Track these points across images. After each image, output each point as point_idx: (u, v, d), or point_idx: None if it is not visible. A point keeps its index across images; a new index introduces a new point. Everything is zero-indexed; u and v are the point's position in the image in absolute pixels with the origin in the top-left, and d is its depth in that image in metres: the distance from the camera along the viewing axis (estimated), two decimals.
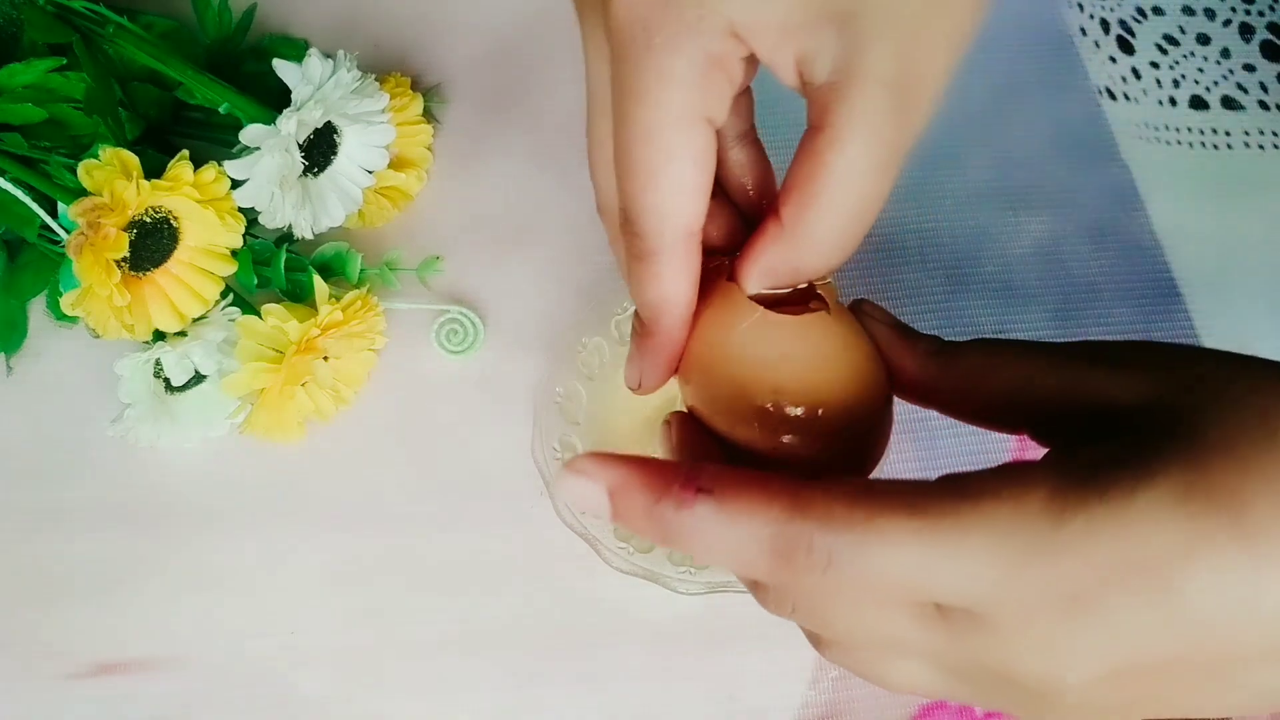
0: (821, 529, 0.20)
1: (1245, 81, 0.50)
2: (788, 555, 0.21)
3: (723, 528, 0.21)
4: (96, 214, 0.35)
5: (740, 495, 0.21)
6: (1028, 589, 0.20)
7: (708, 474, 0.22)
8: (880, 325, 0.27)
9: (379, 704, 0.39)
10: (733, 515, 0.21)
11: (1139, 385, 0.22)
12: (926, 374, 0.26)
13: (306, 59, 0.39)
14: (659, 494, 0.22)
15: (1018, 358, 0.25)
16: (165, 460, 0.42)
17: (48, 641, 0.40)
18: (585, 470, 0.22)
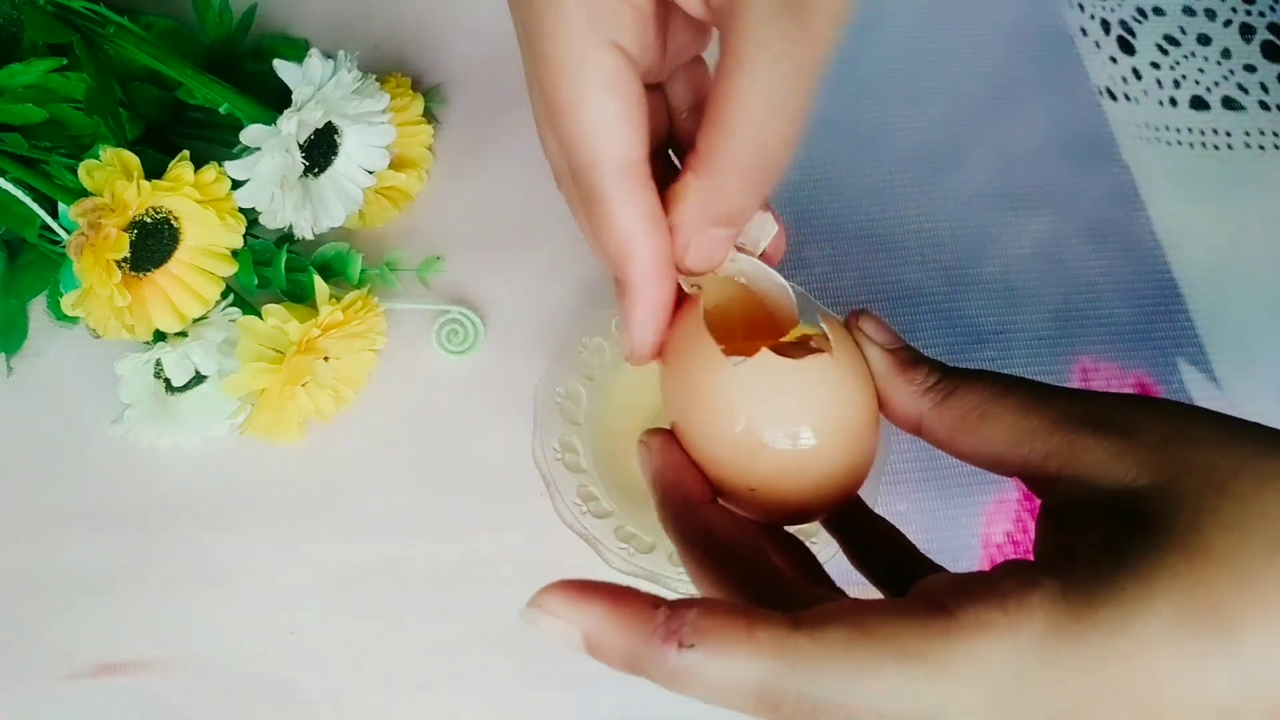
0: (809, 682, 0.20)
1: (1246, 82, 0.50)
2: (775, 706, 0.20)
3: (707, 679, 0.20)
4: (97, 214, 0.35)
5: (725, 647, 0.20)
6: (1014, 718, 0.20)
7: (689, 624, 0.20)
8: (875, 350, 0.27)
9: (378, 704, 0.39)
10: (717, 668, 0.20)
11: (1140, 464, 0.22)
12: (918, 412, 0.26)
13: (307, 59, 0.39)
14: (638, 641, 0.21)
15: (1017, 412, 0.24)
16: (165, 460, 0.42)
17: (48, 641, 0.40)
18: (556, 611, 0.21)
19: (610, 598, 0.21)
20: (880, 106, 0.49)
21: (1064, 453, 0.23)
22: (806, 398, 0.25)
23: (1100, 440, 0.22)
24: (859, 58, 0.49)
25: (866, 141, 0.48)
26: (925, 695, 0.20)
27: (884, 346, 0.27)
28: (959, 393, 0.25)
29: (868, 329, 0.27)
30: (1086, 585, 0.20)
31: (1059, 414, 0.23)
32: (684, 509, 0.25)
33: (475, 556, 0.41)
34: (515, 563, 0.41)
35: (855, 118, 0.48)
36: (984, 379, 0.25)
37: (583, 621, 0.21)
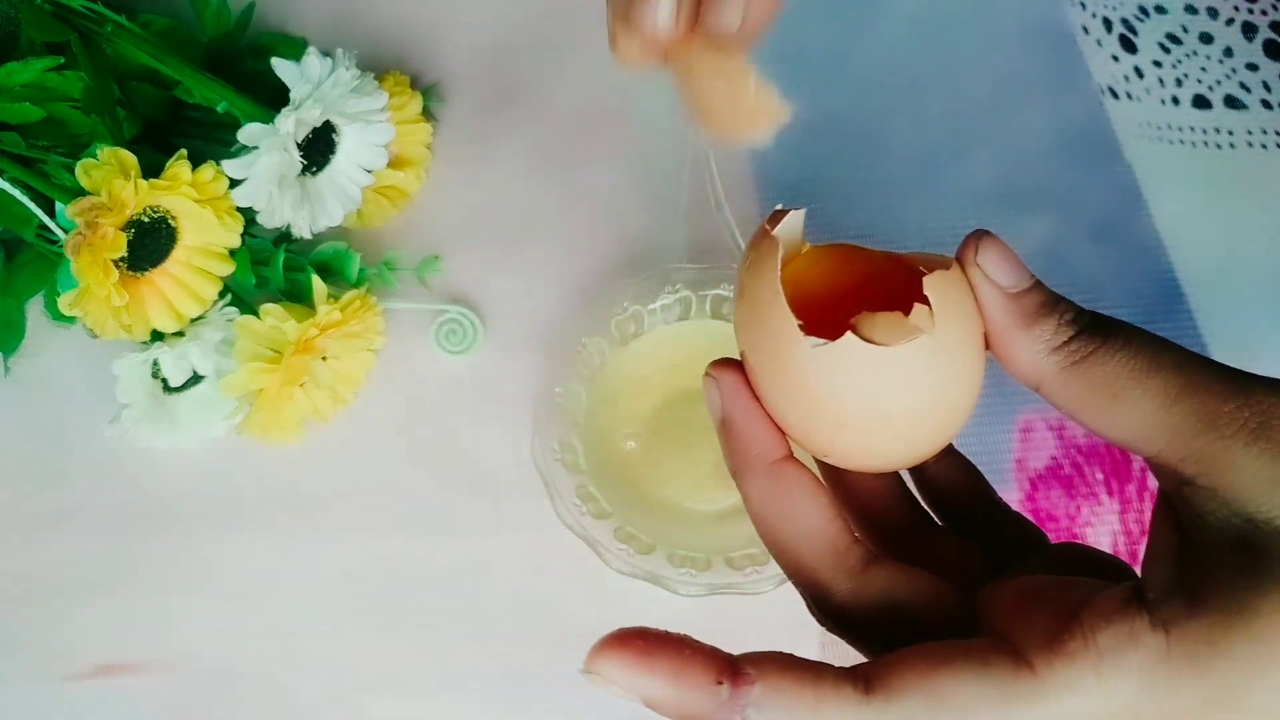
0: None
1: (1248, 80, 0.50)
2: None
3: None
4: (94, 213, 0.35)
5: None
6: None
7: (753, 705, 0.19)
8: (994, 293, 0.22)
9: (377, 704, 0.39)
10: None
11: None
12: (1039, 373, 0.21)
13: (305, 57, 0.38)
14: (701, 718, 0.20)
15: (1159, 401, 0.20)
16: (163, 461, 0.42)
17: (44, 643, 0.40)
18: (614, 679, 0.21)
19: (669, 669, 0.20)
20: (880, 106, 0.49)
21: (1206, 461, 0.19)
22: (898, 385, 0.21)
23: (1251, 457, 0.19)
24: (859, 57, 0.49)
25: (866, 141, 0.47)
26: None
27: (1005, 290, 0.22)
28: (1094, 360, 0.21)
29: (987, 264, 0.22)
30: (1195, 647, 0.18)
31: (1209, 413, 0.19)
32: (755, 468, 0.22)
33: (474, 557, 0.41)
34: (514, 563, 0.41)
35: (855, 118, 0.48)
36: (1128, 346, 0.21)
37: (641, 693, 0.20)
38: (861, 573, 0.21)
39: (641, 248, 0.45)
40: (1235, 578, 0.18)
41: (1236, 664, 0.18)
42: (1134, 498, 0.42)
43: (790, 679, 0.19)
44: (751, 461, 0.22)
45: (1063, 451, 0.42)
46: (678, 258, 0.43)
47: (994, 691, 0.19)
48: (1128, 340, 0.21)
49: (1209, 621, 0.18)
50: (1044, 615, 0.19)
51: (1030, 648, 0.19)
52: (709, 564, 0.38)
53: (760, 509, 0.22)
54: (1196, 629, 0.18)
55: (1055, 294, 0.22)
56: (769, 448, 0.22)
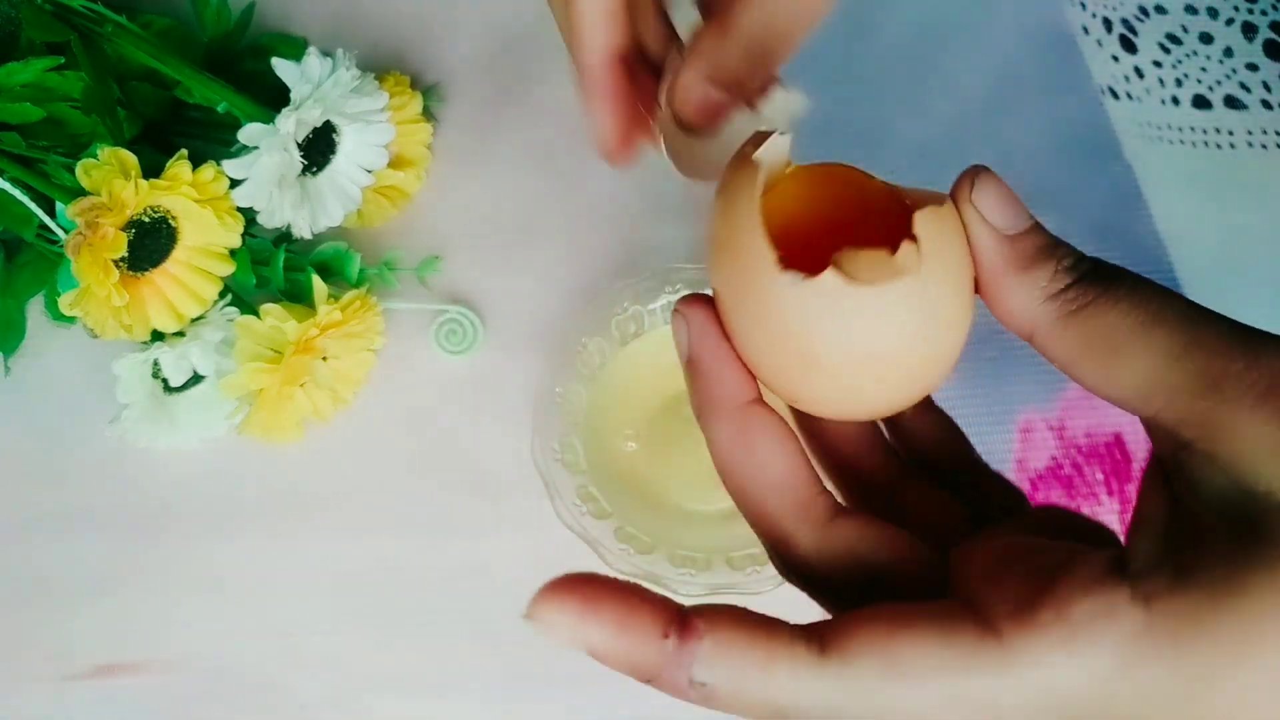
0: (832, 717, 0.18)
1: (1248, 81, 0.50)
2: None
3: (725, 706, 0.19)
4: (95, 213, 0.35)
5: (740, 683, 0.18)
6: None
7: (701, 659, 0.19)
8: (988, 235, 0.20)
9: (376, 705, 0.39)
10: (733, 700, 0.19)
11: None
12: (1033, 321, 0.20)
13: (305, 57, 0.38)
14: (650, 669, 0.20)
15: (1161, 357, 0.19)
16: (163, 461, 0.42)
17: (45, 642, 0.40)
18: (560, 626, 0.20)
19: (613, 619, 0.19)
20: (881, 106, 0.49)
21: (1207, 424, 0.18)
22: (877, 327, 0.20)
23: (1260, 424, 0.17)
24: (859, 57, 0.49)
25: (866, 141, 0.47)
26: (964, 713, 0.18)
27: (1001, 231, 0.20)
28: (1093, 310, 0.19)
29: (982, 203, 0.20)
30: (1177, 623, 0.17)
31: (1214, 373, 0.18)
32: (720, 411, 0.21)
33: (474, 557, 0.41)
34: (514, 563, 0.41)
35: (855, 118, 0.48)
36: (1131, 296, 0.19)
37: (586, 642, 0.19)
38: (827, 524, 0.20)
39: (641, 248, 0.45)
40: (1226, 552, 0.17)
41: (1219, 645, 0.17)
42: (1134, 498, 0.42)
43: (741, 634, 0.18)
44: (717, 403, 0.21)
45: (1063, 451, 0.42)
46: (678, 258, 0.43)
47: (954, 660, 0.18)
48: (1131, 289, 0.19)
49: (1194, 598, 0.17)
50: (1017, 580, 0.18)
51: (999, 614, 0.18)
52: (709, 564, 0.38)
53: (724, 454, 0.21)
54: (1180, 605, 0.17)
55: (1055, 237, 0.20)
56: (737, 389, 0.21)
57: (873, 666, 0.18)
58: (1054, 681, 0.17)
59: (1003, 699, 0.17)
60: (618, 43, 0.27)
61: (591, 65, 0.27)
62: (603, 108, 0.27)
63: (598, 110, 0.28)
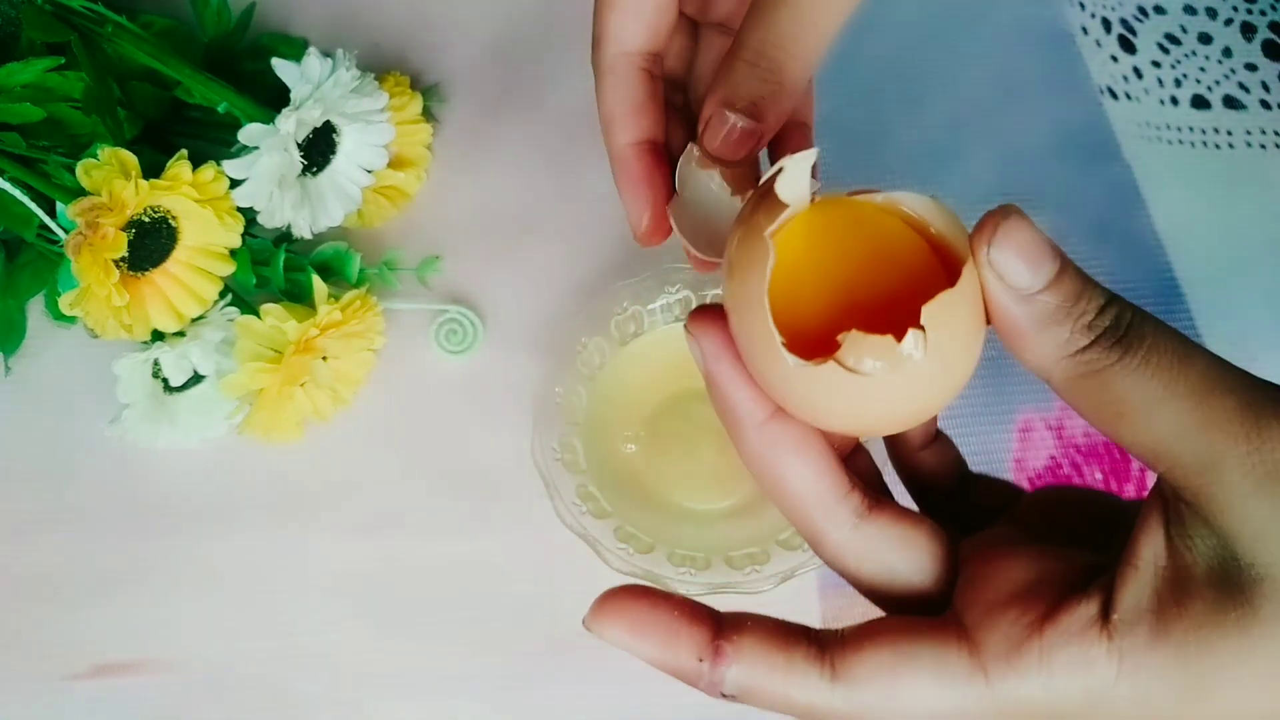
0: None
1: (1247, 81, 0.50)
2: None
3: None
4: (95, 214, 0.35)
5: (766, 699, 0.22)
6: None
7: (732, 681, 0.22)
8: (1009, 296, 0.20)
9: (377, 705, 0.39)
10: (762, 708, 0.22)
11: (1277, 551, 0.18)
12: (1050, 375, 0.20)
13: (305, 58, 0.38)
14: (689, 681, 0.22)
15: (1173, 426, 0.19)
16: (163, 460, 0.42)
17: (46, 642, 0.40)
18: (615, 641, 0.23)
19: (658, 641, 0.22)
20: (880, 106, 0.49)
21: (1206, 497, 0.19)
22: (880, 403, 0.20)
23: (1255, 505, 0.18)
24: (859, 57, 0.49)
25: (866, 141, 0.48)
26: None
27: (1020, 291, 0.20)
28: (1108, 375, 0.19)
29: (1000, 261, 0.20)
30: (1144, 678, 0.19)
31: (1220, 453, 0.19)
32: (746, 431, 0.23)
33: (474, 556, 0.41)
34: (514, 563, 0.41)
35: (855, 118, 0.48)
36: (1145, 365, 0.19)
37: (638, 654, 0.22)
38: (857, 525, 0.22)
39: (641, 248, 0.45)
40: (1204, 615, 0.19)
41: (1180, 699, 0.19)
42: (1132, 498, 0.42)
43: (763, 659, 0.21)
44: (738, 421, 0.22)
45: (1062, 451, 0.42)
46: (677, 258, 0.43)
47: (947, 688, 0.20)
48: (1147, 357, 0.19)
49: (1164, 656, 0.19)
50: (1009, 622, 0.20)
51: (989, 654, 0.20)
52: (708, 563, 0.38)
53: (753, 465, 0.23)
54: (1150, 663, 0.19)
55: (1080, 283, 0.20)
56: (754, 409, 0.22)
57: (877, 695, 0.21)
58: (1030, 708, 0.20)
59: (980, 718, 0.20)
60: (646, 132, 0.29)
61: (622, 153, 0.29)
62: (633, 193, 0.29)
63: (628, 195, 0.29)
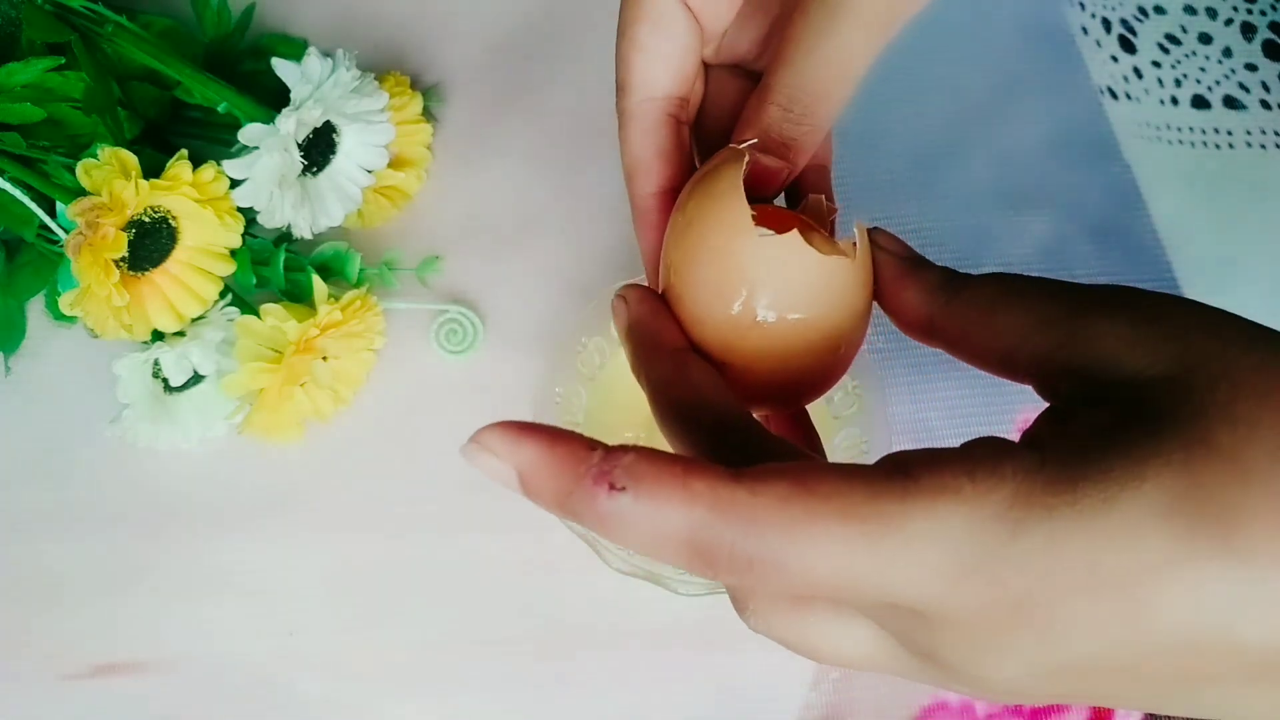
0: (742, 535, 0.18)
1: (1247, 81, 0.50)
2: (708, 558, 0.19)
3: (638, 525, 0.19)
4: (95, 214, 0.35)
5: (657, 493, 0.19)
6: (971, 600, 0.18)
7: (623, 467, 0.19)
8: (884, 254, 0.26)
9: (377, 705, 0.39)
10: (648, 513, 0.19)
11: (1155, 353, 0.20)
12: (928, 311, 0.24)
13: (305, 58, 0.38)
14: (570, 482, 0.19)
15: (1031, 301, 0.22)
16: (163, 461, 0.42)
17: (45, 642, 0.40)
18: (493, 448, 0.21)
19: (546, 438, 0.20)
20: (880, 106, 0.49)
21: (1076, 341, 0.21)
22: (816, 289, 0.24)
23: (1116, 323, 0.20)
24: None
25: (866, 141, 0.47)
26: (865, 559, 0.18)
27: (896, 254, 0.26)
28: (970, 288, 0.24)
29: (880, 240, 0.26)
30: (1069, 462, 0.18)
31: (1076, 300, 0.21)
32: (660, 355, 0.24)
33: (474, 557, 0.41)
34: (514, 563, 0.41)
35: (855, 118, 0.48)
36: (1000, 277, 0.24)
37: (517, 460, 0.20)
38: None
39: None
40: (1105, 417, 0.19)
41: (1107, 477, 0.18)
42: None
43: (663, 456, 0.19)
44: (656, 348, 0.25)
45: None
46: None
47: (865, 488, 0.18)
48: (998, 276, 0.24)
49: (1081, 444, 0.19)
50: (928, 450, 0.19)
51: (911, 463, 0.19)
52: None
53: (663, 384, 0.24)
54: (1069, 447, 0.19)
55: (931, 261, 0.25)
56: (674, 338, 0.25)
57: (782, 486, 0.18)
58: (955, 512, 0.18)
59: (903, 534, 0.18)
60: (671, 181, 0.29)
61: (645, 202, 0.29)
62: (650, 237, 0.29)
63: (647, 241, 0.29)
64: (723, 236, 0.24)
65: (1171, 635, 0.18)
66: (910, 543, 0.18)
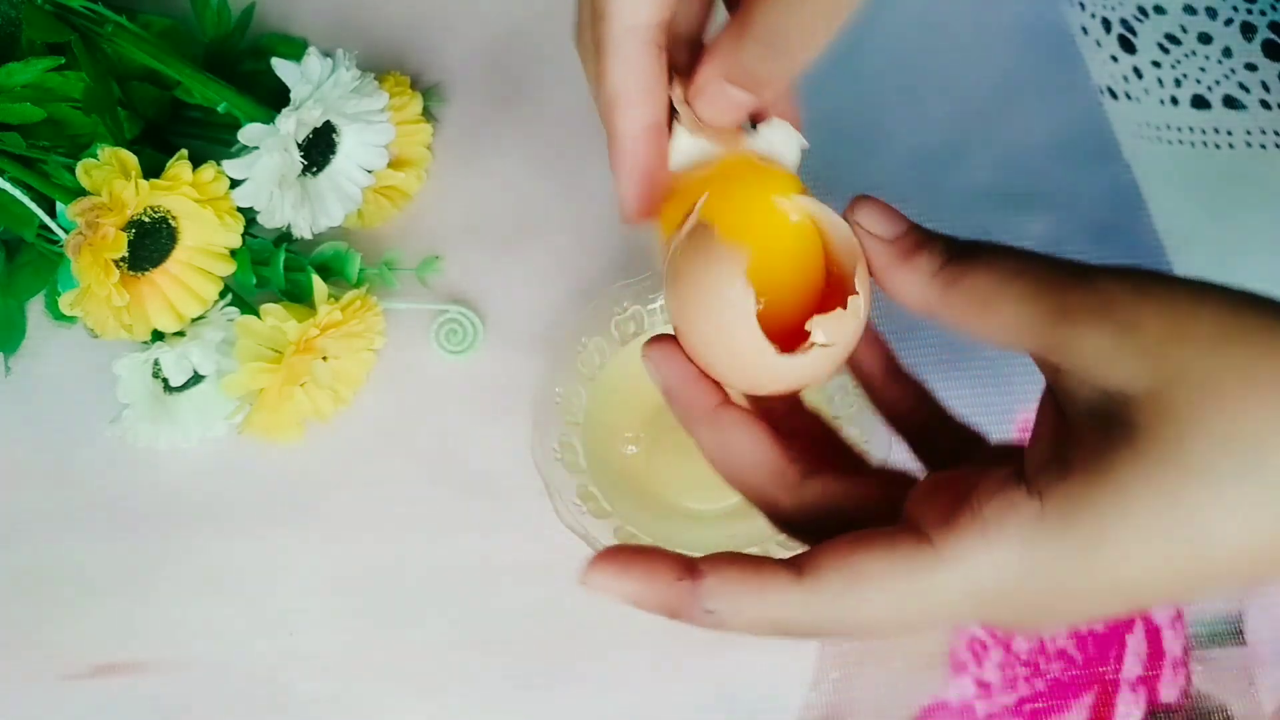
0: (813, 621, 0.23)
1: (1247, 81, 0.50)
2: (791, 634, 0.24)
3: (734, 627, 0.24)
4: (95, 214, 0.35)
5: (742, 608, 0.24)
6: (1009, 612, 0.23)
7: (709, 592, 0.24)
8: (875, 244, 0.25)
9: (377, 705, 0.39)
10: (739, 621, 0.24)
11: (1134, 368, 0.21)
12: (925, 300, 0.25)
13: (305, 58, 0.38)
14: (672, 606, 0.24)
15: (1019, 302, 0.23)
16: (163, 461, 0.42)
17: (45, 642, 0.40)
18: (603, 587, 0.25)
19: (642, 574, 0.24)
20: (880, 106, 0.49)
21: (1061, 348, 0.22)
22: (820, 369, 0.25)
23: (1096, 337, 0.22)
24: (859, 57, 0.49)
25: (866, 141, 0.48)
26: (912, 605, 0.22)
27: (884, 238, 0.25)
28: (965, 280, 0.24)
29: (866, 221, 0.26)
30: (1064, 506, 0.21)
31: (1059, 305, 0.22)
32: (699, 424, 0.27)
33: (474, 557, 0.41)
34: (514, 563, 0.41)
35: (855, 118, 0.48)
36: (991, 262, 0.24)
37: (626, 592, 0.24)
38: (799, 486, 0.26)
39: (641, 248, 0.45)
40: (1095, 444, 0.22)
41: (1100, 516, 0.21)
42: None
43: (735, 571, 0.23)
44: (695, 415, 0.27)
45: None
46: None
47: (900, 565, 0.22)
48: (990, 259, 0.24)
49: (1075, 483, 0.21)
50: (942, 500, 0.23)
51: (930, 527, 0.22)
52: None
53: (709, 450, 0.27)
54: (1065, 490, 0.21)
55: (928, 231, 0.25)
56: (706, 399, 0.27)
57: (840, 579, 0.23)
58: (977, 569, 0.22)
59: (938, 592, 0.22)
60: (654, 115, 0.28)
61: (627, 137, 0.27)
62: (630, 178, 0.28)
63: (625, 180, 0.28)
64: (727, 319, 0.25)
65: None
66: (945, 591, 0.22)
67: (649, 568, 0.24)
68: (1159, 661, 0.40)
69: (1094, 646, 0.40)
